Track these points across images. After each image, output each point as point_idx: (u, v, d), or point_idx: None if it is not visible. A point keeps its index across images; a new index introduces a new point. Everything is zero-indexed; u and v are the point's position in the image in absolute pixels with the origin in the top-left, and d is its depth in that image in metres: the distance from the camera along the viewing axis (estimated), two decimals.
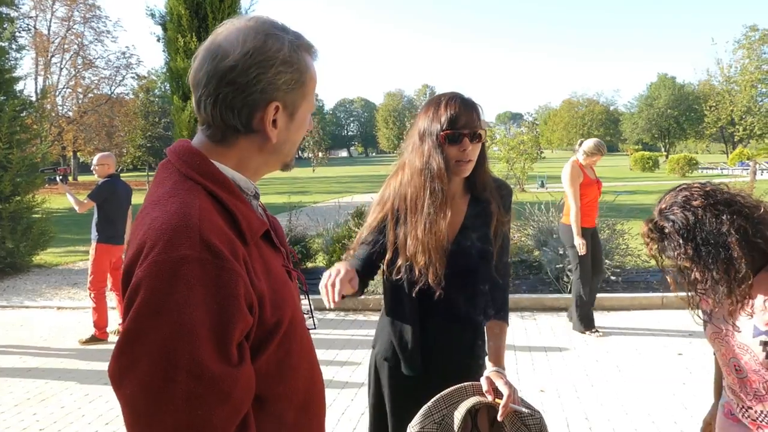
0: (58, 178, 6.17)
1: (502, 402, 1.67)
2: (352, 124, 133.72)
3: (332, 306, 1.67)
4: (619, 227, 7.63)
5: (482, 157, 1.92)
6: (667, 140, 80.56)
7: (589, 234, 5.59)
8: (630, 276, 7.43)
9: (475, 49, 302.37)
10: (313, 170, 58.14)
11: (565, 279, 6.77)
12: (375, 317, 6.33)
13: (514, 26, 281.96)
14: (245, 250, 1.02)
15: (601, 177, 5.91)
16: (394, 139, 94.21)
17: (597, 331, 5.61)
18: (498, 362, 1.85)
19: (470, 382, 1.76)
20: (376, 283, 2.04)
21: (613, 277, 6.96)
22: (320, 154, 64.75)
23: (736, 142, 62.98)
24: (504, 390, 1.69)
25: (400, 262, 1.89)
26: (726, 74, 59.78)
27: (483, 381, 1.74)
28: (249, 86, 1.05)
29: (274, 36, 1.08)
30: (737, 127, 57.67)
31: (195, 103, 1.11)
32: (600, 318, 5.76)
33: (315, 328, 1.30)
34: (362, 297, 6.67)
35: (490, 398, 1.71)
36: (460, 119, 1.81)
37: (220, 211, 1.03)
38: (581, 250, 5.46)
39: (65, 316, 6.94)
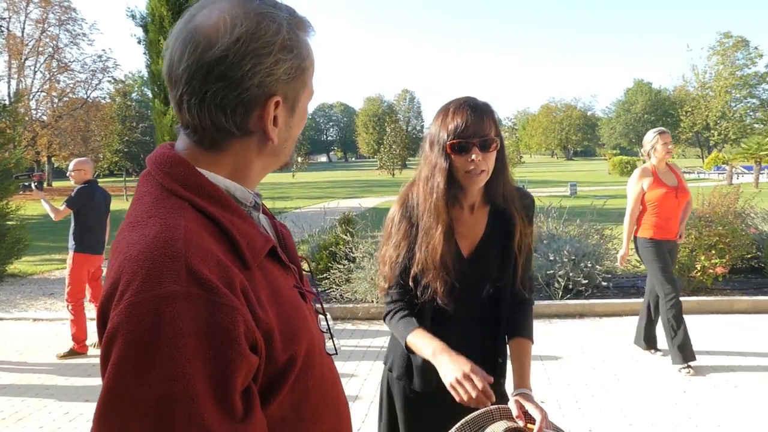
0: (33, 185, 5.90)
1: (535, 427, 1.54)
2: (331, 129, 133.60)
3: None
4: (607, 232, 7.57)
5: (501, 165, 1.77)
6: None
7: (665, 249, 4.91)
8: (620, 281, 7.42)
9: (454, 54, 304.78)
10: (293, 175, 57.85)
11: (556, 285, 6.68)
12: (375, 326, 6.17)
13: (491, 31, 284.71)
14: (246, 275, 0.84)
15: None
16: (373, 144, 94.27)
17: (690, 367, 4.66)
18: (523, 383, 1.72)
19: (496, 405, 1.63)
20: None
21: (604, 283, 6.92)
22: (300, 159, 64.49)
23: (711, 146, 64.14)
24: (536, 414, 1.56)
25: (411, 275, 1.77)
26: (701, 80, 60.91)
27: (512, 404, 1.61)
28: (244, 80, 0.85)
29: (268, 15, 0.87)
30: (712, 131, 58.69)
31: (174, 102, 0.90)
32: (593, 324, 5.65)
33: (336, 354, 1.12)
34: (366, 305, 6.56)
35: (521, 423, 1.57)
36: (469, 127, 1.66)
37: (213, 231, 0.85)
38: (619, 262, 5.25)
39: (41, 327, 6.66)
